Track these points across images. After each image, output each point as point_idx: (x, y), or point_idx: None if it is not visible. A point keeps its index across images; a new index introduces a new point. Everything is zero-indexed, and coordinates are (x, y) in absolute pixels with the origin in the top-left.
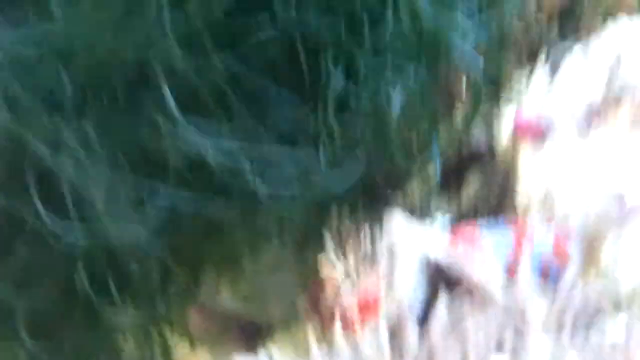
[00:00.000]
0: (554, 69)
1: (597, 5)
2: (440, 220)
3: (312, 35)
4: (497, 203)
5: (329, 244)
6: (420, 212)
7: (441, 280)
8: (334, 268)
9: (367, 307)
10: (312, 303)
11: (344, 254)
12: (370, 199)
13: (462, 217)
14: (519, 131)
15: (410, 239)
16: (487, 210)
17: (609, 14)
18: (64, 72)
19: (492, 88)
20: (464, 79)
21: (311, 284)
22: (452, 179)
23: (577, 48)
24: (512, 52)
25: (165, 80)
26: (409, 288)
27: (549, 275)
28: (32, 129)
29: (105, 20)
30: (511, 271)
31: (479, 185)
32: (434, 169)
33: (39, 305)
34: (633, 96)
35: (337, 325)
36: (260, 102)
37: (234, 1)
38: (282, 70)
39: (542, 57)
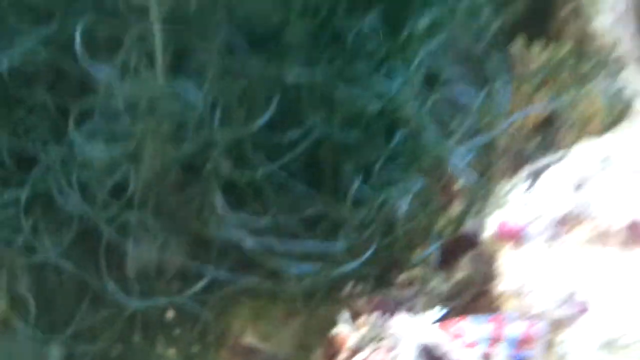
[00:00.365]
0: (533, 181)
1: (570, 124)
2: (436, 313)
3: (336, 146)
4: (481, 288)
5: (343, 313)
6: (420, 289)
7: None
8: (347, 334)
9: None
10: (327, 356)
11: (356, 323)
12: (379, 278)
13: (454, 296)
14: (501, 234)
15: (411, 327)
16: (474, 292)
17: (579, 133)
18: (132, 172)
19: (483, 192)
20: (460, 182)
21: (327, 339)
22: (447, 263)
23: (552, 163)
24: (500, 162)
25: (213, 180)
26: None
27: (519, 358)
28: (104, 217)
29: (164, 132)
30: (489, 356)
31: (469, 269)
32: (433, 255)
33: (99, 351)
34: (591, 215)
35: None
36: (291, 197)
37: (271, 119)
38: (310, 172)
39: (523, 170)
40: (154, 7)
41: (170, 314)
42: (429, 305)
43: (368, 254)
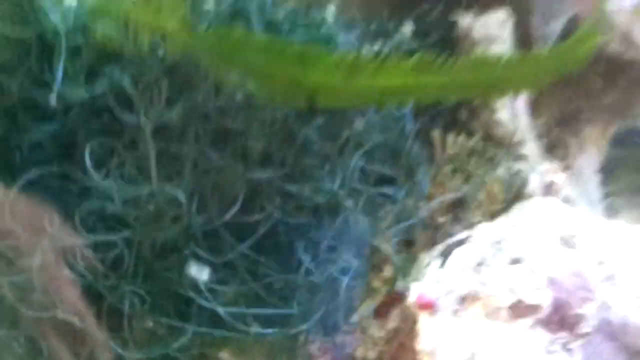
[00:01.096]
0: (445, 258)
1: (476, 204)
2: None
3: (289, 233)
4: (407, 338)
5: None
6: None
7: None
8: None
9: None
10: None
11: None
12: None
13: (387, 342)
14: (418, 303)
15: None
16: (401, 340)
17: (483, 214)
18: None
19: (407, 263)
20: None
21: None
22: (381, 313)
23: (460, 242)
24: (421, 239)
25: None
26: None
27: None
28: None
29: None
30: None
31: (397, 321)
32: (368, 312)
33: None
34: (486, 293)
35: None
36: (260, 275)
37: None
38: (271, 252)
39: (437, 247)
40: (147, 125)
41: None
42: (368, 349)
43: (317, 316)
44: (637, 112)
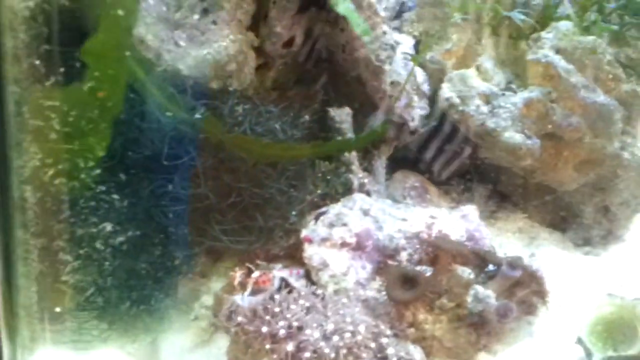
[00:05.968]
0: (317, 219)
1: (330, 196)
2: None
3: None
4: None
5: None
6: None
7: None
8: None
9: None
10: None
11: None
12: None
13: (291, 254)
14: (304, 239)
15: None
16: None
17: (334, 199)
18: None
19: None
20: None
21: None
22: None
23: (323, 212)
24: (308, 211)
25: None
26: None
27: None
28: None
29: None
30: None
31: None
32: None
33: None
34: (332, 237)
35: None
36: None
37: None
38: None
39: (313, 214)
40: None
41: None
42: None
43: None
44: None
